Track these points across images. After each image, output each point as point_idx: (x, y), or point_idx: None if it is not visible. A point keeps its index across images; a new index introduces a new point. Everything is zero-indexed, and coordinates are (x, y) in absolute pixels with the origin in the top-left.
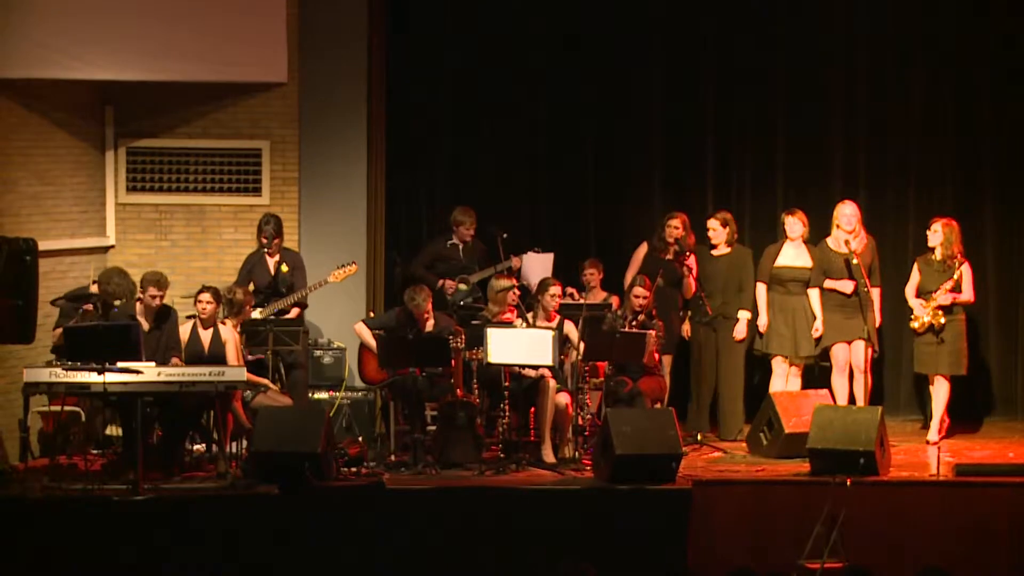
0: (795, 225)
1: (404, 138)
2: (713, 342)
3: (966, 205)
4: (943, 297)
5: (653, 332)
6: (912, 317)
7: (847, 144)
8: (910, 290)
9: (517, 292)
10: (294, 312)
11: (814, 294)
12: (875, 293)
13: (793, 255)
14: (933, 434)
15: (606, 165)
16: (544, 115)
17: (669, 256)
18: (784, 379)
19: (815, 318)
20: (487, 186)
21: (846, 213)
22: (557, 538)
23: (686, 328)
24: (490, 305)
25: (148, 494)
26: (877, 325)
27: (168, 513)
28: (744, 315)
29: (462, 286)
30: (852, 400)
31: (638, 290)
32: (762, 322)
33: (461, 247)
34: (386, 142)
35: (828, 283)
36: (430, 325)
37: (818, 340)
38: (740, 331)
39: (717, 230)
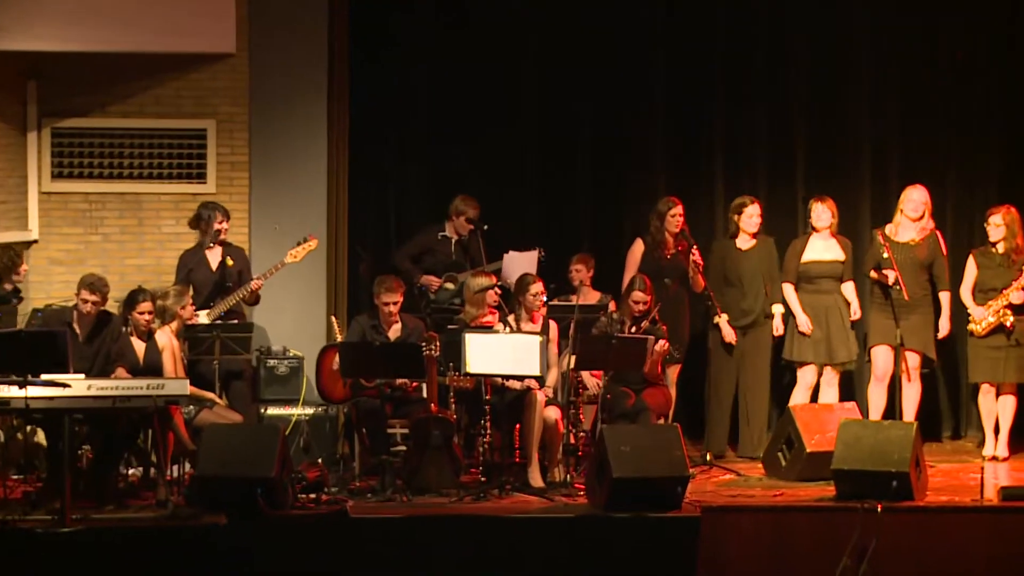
0: (823, 214)
1: (370, 118)
2: (739, 346)
3: (1014, 192)
4: (1016, 295)
5: (665, 343)
6: (971, 319)
7: (877, 125)
8: (965, 289)
9: (498, 292)
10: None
11: (848, 288)
12: (944, 298)
13: (822, 248)
14: (1002, 449)
15: (602, 147)
16: (533, 89)
17: (671, 251)
18: (808, 390)
19: (852, 314)
20: (465, 174)
21: (913, 198)
22: (546, 573)
23: (728, 333)
24: (467, 307)
25: (77, 525)
26: (944, 334)
27: (100, 547)
28: (778, 309)
29: (449, 285)
30: (893, 413)
31: (637, 294)
32: (803, 322)
33: (454, 241)
34: (350, 122)
35: (874, 273)
36: (396, 329)
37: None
38: (779, 326)
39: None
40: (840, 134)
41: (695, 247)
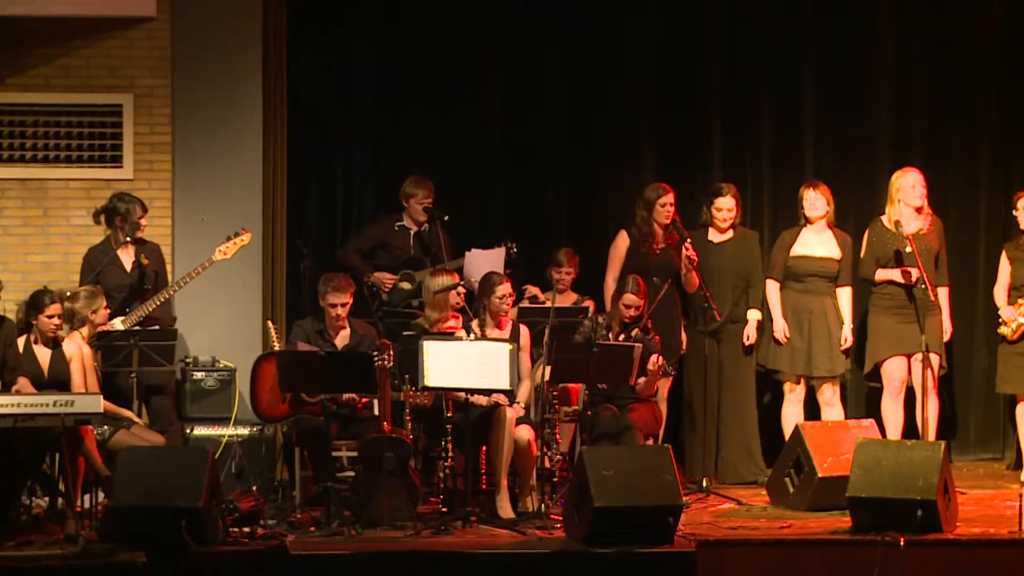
0: (817, 202)
1: (313, 94)
2: (717, 356)
3: None
4: None
5: (660, 358)
6: (1000, 320)
7: (899, 98)
8: (1000, 289)
9: (462, 292)
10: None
11: (844, 293)
12: (943, 293)
13: (815, 242)
14: None
15: (580, 126)
16: (499, 59)
17: (661, 246)
18: (799, 402)
19: (842, 324)
20: (423, 158)
21: (909, 183)
22: None
23: (682, 341)
24: (427, 310)
25: None
26: (948, 336)
27: None
28: (754, 315)
29: (405, 284)
30: (912, 431)
31: (629, 297)
32: (779, 327)
33: (412, 233)
34: (288, 97)
35: (881, 273)
36: (344, 336)
37: (846, 352)
38: (751, 334)
39: (732, 210)
40: (857, 110)
41: (688, 240)
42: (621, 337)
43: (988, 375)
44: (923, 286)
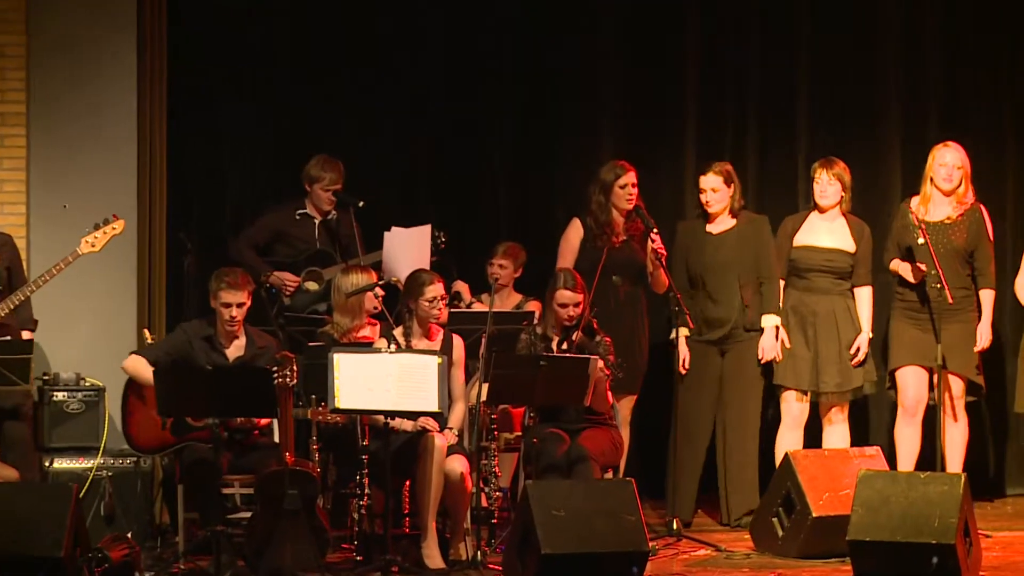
0: (829, 186)
1: (199, 56)
2: (716, 370)
3: None
4: None
5: (599, 360)
6: None
7: (910, 65)
8: (1022, 285)
9: (380, 294)
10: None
11: (863, 294)
12: (986, 297)
13: (824, 231)
14: None
15: (525, 92)
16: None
17: (622, 237)
18: (796, 428)
19: (858, 332)
20: (333, 134)
21: (945, 161)
22: None
23: (683, 351)
24: (337, 316)
25: None
26: (984, 345)
27: None
28: (770, 321)
29: (310, 284)
30: (929, 461)
31: (564, 294)
32: (767, 344)
33: (317, 222)
34: (170, 59)
35: (895, 264)
36: (238, 346)
37: (862, 363)
38: (769, 346)
39: (719, 191)
40: (860, 78)
41: (655, 231)
42: (564, 346)
43: (1010, 391)
44: (938, 285)
